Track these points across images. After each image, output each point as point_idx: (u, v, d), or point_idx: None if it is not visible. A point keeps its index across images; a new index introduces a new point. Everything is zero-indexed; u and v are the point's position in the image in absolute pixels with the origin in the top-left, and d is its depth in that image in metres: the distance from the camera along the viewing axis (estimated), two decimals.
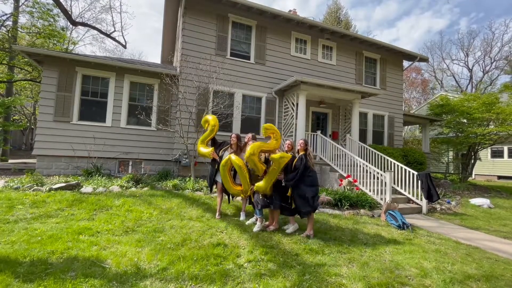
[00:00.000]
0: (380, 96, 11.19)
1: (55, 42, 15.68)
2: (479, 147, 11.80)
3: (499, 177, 17.11)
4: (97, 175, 6.95)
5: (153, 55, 52.39)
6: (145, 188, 6.15)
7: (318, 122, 10.77)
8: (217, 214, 4.53)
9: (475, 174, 16.98)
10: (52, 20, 14.47)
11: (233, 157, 4.16)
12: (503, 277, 3.04)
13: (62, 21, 16.99)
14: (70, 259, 2.76)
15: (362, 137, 10.77)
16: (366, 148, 8.75)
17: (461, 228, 5.32)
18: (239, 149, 4.57)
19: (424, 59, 12.57)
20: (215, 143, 4.88)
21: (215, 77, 7.69)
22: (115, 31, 13.61)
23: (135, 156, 8.17)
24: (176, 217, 4.34)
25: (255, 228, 4.00)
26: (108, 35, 12.77)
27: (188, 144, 7.26)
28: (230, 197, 5.15)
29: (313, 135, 9.24)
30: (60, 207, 4.43)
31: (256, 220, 4.23)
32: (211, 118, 4.86)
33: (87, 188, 5.72)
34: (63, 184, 5.59)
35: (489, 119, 10.87)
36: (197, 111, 8.03)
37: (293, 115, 8.90)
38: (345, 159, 7.78)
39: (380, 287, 2.59)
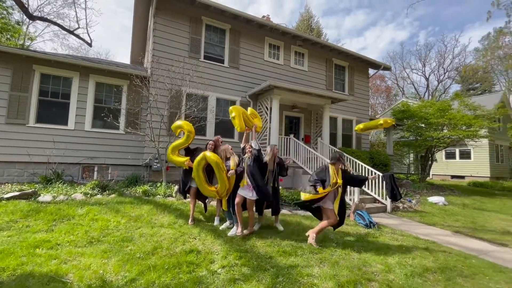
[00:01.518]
0: (348, 102, 11.78)
1: (8, 36, 14.30)
2: (435, 150, 12.91)
3: (452, 177, 18.86)
4: (57, 182, 6.41)
5: (121, 54, 49.94)
6: (112, 195, 5.82)
7: (291, 126, 11.03)
8: (190, 220, 4.42)
9: (432, 174, 18.51)
10: (5, 12, 13.20)
11: (208, 153, 4.08)
12: (455, 268, 3.35)
13: (17, 14, 15.57)
14: (25, 276, 2.52)
15: (333, 140, 11.24)
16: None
17: (420, 224, 5.77)
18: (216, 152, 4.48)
19: (387, 68, 13.51)
20: (189, 150, 4.68)
21: (188, 80, 7.56)
22: (79, 27, 12.79)
23: (101, 161, 7.70)
24: (146, 225, 4.16)
25: (230, 233, 3.99)
26: (71, 32, 11.97)
27: (160, 148, 7.02)
28: (205, 205, 5.00)
29: (287, 138, 9.44)
30: (13, 218, 4.02)
31: (231, 224, 4.23)
32: (182, 123, 4.62)
33: (45, 197, 5.26)
34: (17, 193, 5.09)
35: (443, 124, 11.95)
36: (169, 114, 7.82)
37: (267, 119, 9.03)
38: (316, 162, 8.06)
39: (349, 285, 2.71)
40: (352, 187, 6.64)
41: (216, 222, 4.52)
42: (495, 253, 4.15)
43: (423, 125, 12.46)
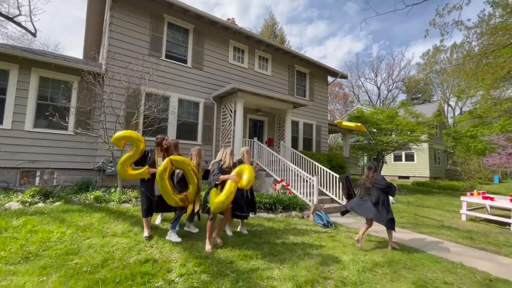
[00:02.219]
0: (309, 107, 12.34)
1: None
2: (385, 153, 14.17)
3: (399, 177, 20.87)
4: None
5: (73, 48, 45.47)
6: (57, 203, 5.23)
7: (255, 129, 11.15)
8: (146, 232, 3.90)
9: (383, 175, 20.25)
10: None
11: (176, 157, 3.66)
12: (400, 261, 3.69)
13: None
14: None
15: (294, 144, 11.64)
16: (298, 154, 9.49)
17: None
18: (168, 153, 4.14)
19: (344, 76, 14.48)
20: (142, 158, 4.02)
21: (148, 79, 7.18)
22: (20, 14, 11.34)
23: (45, 164, 6.88)
24: (96, 235, 3.81)
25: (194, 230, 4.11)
26: (10, 19, 10.58)
27: (114, 150, 6.54)
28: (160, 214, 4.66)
29: (251, 141, 9.51)
30: None
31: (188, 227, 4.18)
32: (125, 133, 3.88)
33: None
34: None
35: (392, 129, 13.19)
36: (126, 114, 7.33)
37: (231, 122, 8.99)
38: (279, 165, 8.25)
39: (307, 284, 2.81)
40: (312, 189, 6.94)
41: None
42: (432, 245, 4.67)
43: (375, 130, 13.60)
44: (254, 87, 9.67)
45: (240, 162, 4.59)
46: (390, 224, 4.17)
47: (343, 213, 4.88)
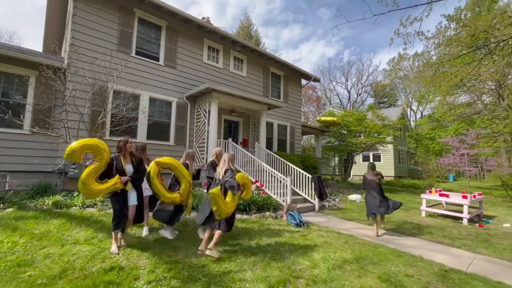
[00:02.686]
0: (283, 109, 12.55)
1: None
2: (354, 153, 14.87)
3: None
4: None
5: (31, 40, 41.78)
6: (9, 210, 4.75)
7: (230, 130, 11.08)
8: (113, 248, 3.50)
9: (352, 175, 21.20)
10: None
11: (159, 159, 3.74)
12: (367, 257, 3.87)
13: None
14: None
15: (269, 145, 11.76)
16: (272, 155, 9.59)
17: (342, 220, 6.50)
18: (135, 157, 3.79)
19: (316, 80, 14.95)
20: (107, 167, 3.47)
21: (116, 76, 6.80)
22: None
23: None
24: (54, 243, 3.51)
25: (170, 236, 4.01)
26: None
27: None
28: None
29: (225, 142, 9.43)
30: None
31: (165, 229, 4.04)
32: (84, 142, 3.31)
33: None
34: None
35: (360, 131, 13.88)
36: (91, 112, 6.89)
37: (205, 122, 8.84)
38: (253, 166, 8.28)
39: (279, 284, 2.83)
40: (285, 190, 7.05)
41: (145, 233, 4.15)
42: (396, 240, 4.98)
43: (345, 132, 14.21)
44: (229, 88, 9.61)
45: (213, 164, 4.51)
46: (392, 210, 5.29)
47: (371, 215, 5.37)
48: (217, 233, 3.50)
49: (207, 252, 3.39)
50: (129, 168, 3.61)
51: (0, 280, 2.54)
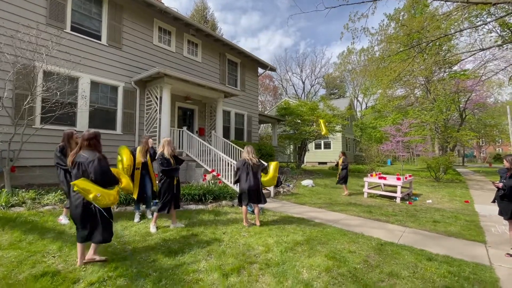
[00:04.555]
0: (240, 97, 12.46)
1: None
2: (307, 141, 15.66)
3: (319, 163, 23.53)
4: None
5: None
6: None
7: (185, 118, 10.61)
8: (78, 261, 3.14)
9: (306, 162, 22.44)
10: None
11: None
12: (316, 238, 4.15)
13: None
14: None
15: (226, 133, 11.64)
16: (229, 144, 9.52)
17: (295, 205, 6.85)
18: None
19: (273, 69, 15.13)
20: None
21: (46, 54, 5.85)
22: None
23: None
24: None
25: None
26: None
27: None
28: None
29: (180, 131, 9.01)
30: None
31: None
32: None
33: None
34: None
35: (313, 120, 14.62)
36: (14, 95, 5.87)
37: (157, 109, 8.28)
38: (210, 155, 8.11)
39: (233, 271, 2.85)
40: None
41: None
42: (342, 220, 5.45)
43: (299, 121, 14.81)
44: (183, 73, 9.11)
45: (162, 154, 4.24)
46: None
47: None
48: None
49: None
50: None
51: None
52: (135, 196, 4.55)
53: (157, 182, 4.61)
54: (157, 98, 8.32)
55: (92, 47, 7.60)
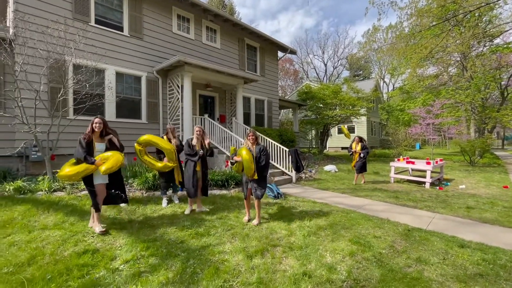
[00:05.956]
0: (260, 82, 12.30)
1: None
2: (330, 126, 15.26)
3: (342, 148, 22.94)
4: None
5: None
6: None
7: (206, 105, 10.75)
8: (98, 228, 3.38)
9: (328, 147, 21.99)
10: None
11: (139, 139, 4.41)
12: (340, 223, 4.11)
13: None
14: None
15: (247, 120, 11.65)
16: None
17: (318, 190, 6.79)
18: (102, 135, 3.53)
19: (293, 52, 14.65)
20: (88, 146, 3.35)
21: (74, 47, 6.13)
22: None
23: None
24: (20, 230, 3.32)
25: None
26: None
27: (38, 132, 5.60)
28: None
29: (201, 118, 9.17)
30: None
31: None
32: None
33: None
34: None
35: (336, 104, 14.15)
36: (49, 89, 6.27)
37: (178, 98, 8.45)
38: (231, 141, 8.21)
39: (257, 254, 2.93)
40: None
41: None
42: (366, 206, 5.33)
43: (321, 105, 14.40)
44: (202, 60, 9.14)
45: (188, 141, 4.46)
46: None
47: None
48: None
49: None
50: (101, 148, 3.45)
51: None
52: (177, 182, 4.84)
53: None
54: (178, 87, 8.47)
55: (115, 39, 7.83)
